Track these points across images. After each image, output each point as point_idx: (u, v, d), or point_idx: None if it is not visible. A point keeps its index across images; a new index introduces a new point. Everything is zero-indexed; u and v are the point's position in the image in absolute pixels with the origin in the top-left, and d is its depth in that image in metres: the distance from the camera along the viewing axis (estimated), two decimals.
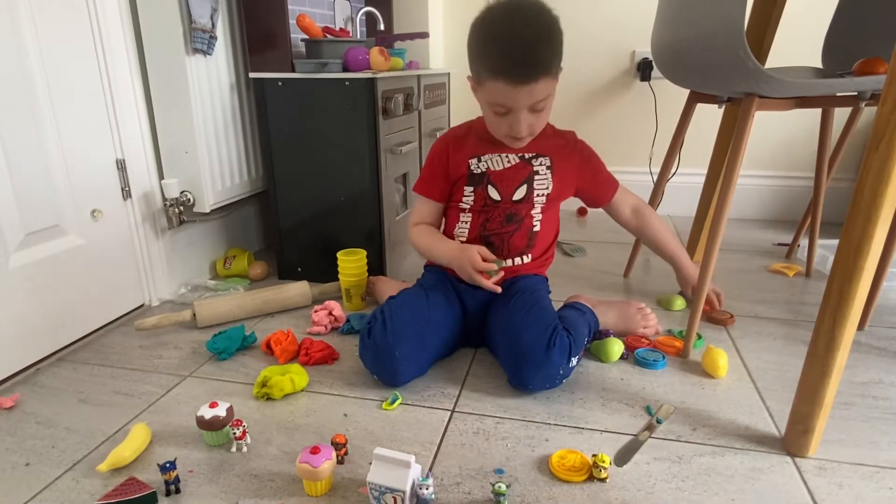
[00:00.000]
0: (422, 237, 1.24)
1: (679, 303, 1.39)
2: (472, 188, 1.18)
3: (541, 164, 1.18)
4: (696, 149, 1.96)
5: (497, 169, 1.17)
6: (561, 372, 1.01)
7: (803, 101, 1.19)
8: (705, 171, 1.65)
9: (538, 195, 1.18)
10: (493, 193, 1.17)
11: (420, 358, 1.08)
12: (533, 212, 1.18)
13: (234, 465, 0.86)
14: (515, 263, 1.19)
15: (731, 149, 1.12)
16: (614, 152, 2.21)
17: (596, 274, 1.63)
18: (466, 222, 1.21)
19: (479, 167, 1.18)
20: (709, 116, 1.67)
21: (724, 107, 1.44)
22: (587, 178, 1.25)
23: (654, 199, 1.55)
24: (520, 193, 1.17)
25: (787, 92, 1.06)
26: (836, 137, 1.54)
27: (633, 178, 2.20)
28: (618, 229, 2.08)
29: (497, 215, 1.18)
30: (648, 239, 1.35)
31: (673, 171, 1.51)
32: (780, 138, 2.07)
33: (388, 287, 1.39)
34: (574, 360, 1.03)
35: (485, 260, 1.11)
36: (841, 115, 1.52)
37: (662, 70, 1.32)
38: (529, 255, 1.19)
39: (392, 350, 1.03)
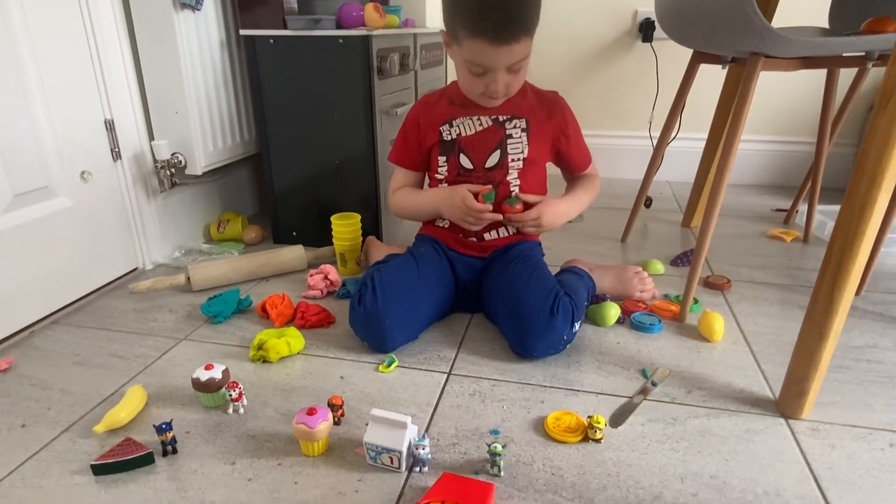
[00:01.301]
0: (402, 198, 1.23)
1: (658, 266, 1.38)
2: (444, 157, 1.16)
3: (515, 127, 1.14)
4: (697, 113, 1.93)
5: (468, 133, 1.14)
6: (565, 338, 1.01)
7: (809, 62, 1.16)
8: (706, 136, 1.62)
9: (512, 159, 1.14)
10: (465, 162, 1.14)
11: (410, 325, 1.07)
12: (508, 177, 1.14)
13: (230, 427, 0.86)
14: (501, 235, 1.17)
15: (734, 110, 1.10)
16: (613, 116, 2.18)
17: (593, 239, 1.62)
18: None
19: (450, 133, 1.15)
20: (711, 79, 1.63)
21: (727, 68, 1.41)
22: (565, 143, 1.19)
23: (654, 164, 1.53)
24: (493, 160, 1.14)
25: (793, 51, 1.04)
26: (838, 102, 1.52)
27: (632, 142, 2.18)
28: (616, 195, 2.09)
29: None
30: (582, 181, 1.26)
31: (674, 134, 1.48)
32: (780, 103, 2.04)
33: (379, 251, 1.37)
34: (577, 325, 1.02)
35: (475, 195, 1.10)
36: (844, 79, 1.49)
37: (666, 29, 1.28)
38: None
39: (382, 318, 1.02)
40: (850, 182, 0.77)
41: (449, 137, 1.15)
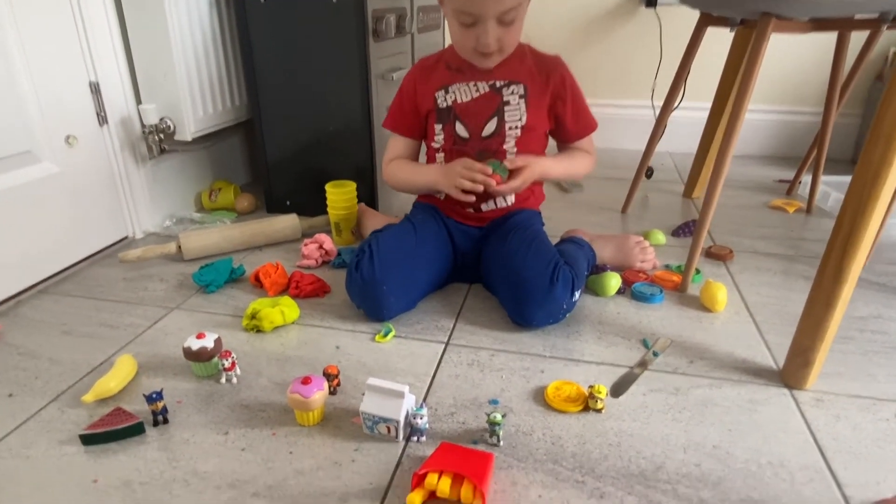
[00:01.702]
0: (398, 169, 1.18)
1: (659, 236, 1.36)
2: (441, 125, 1.13)
3: (512, 93, 1.09)
4: (701, 82, 1.88)
5: (464, 100, 1.10)
6: (564, 307, 0.99)
7: (821, 24, 1.12)
8: (708, 106, 1.58)
9: (510, 127, 1.10)
10: (462, 130, 1.11)
11: (408, 293, 1.05)
12: (505, 146, 1.11)
13: (223, 396, 0.84)
14: (498, 205, 1.14)
15: (742, 74, 1.06)
16: (615, 84, 2.13)
17: (593, 209, 1.59)
18: (441, 163, 1.16)
19: (445, 100, 1.11)
20: (715, 47, 1.59)
21: (734, 32, 1.37)
22: (561, 106, 1.13)
23: (656, 133, 1.49)
24: (490, 128, 1.10)
25: (806, 11, 0.99)
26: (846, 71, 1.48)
27: (633, 112, 2.13)
28: (616, 165, 2.05)
29: (468, 155, 1.11)
30: (572, 152, 1.20)
31: (678, 101, 1.44)
32: (784, 72, 1.99)
33: (373, 221, 1.34)
34: (577, 294, 1.00)
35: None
36: (853, 45, 1.44)
37: None
38: (513, 193, 1.13)
39: (380, 284, 1.00)
40: (866, 144, 0.74)
41: (444, 104, 1.11)
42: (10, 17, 1.05)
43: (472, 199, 1.06)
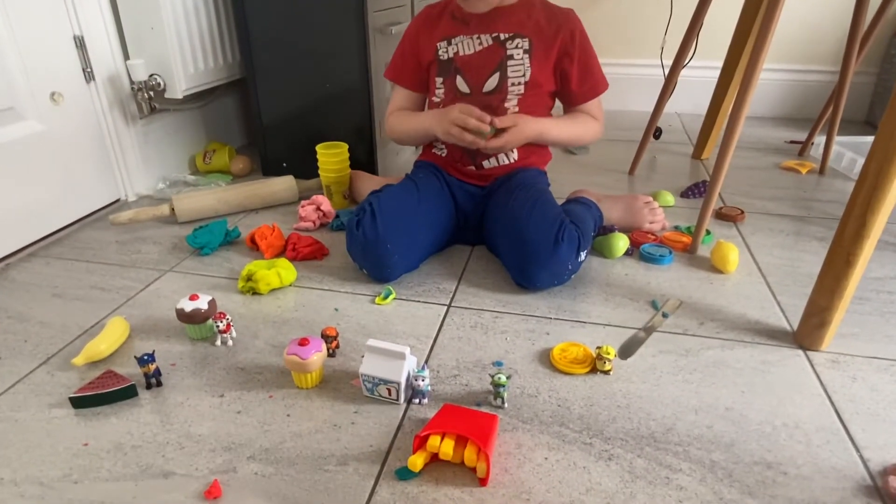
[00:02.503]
0: (398, 121, 1.15)
1: (668, 198, 1.31)
2: (441, 79, 1.09)
3: (517, 47, 1.04)
4: (712, 40, 1.81)
5: (467, 53, 1.05)
6: (570, 267, 0.95)
7: None
8: (719, 65, 1.52)
9: (513, 83, 1.05)
10: (462, 85, 1.07)
11: (411, 252, 1.02)
12: (507, 103, 1.06)
13: (218, 359, 0.82)
14: (501, 162, 1.10)
15: (760, 25, 1.00)
16: (623, 42, 2.06)
17: (599, 170, 1.54)
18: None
19: (447, 52, 1.07)
20: (727, 3, 1.51)
21: None
22: (568, 63, 1.06)
23: (666, 91, 1.43)
24: (491, 83, 1.05)
25: None
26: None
27: (641, 70, 2.06)
28: (624, 126, 1.99)
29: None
30: (576, 116, 1.13)
31: (689, 57, 1.38)
32: (797, 30, 1.91)
33: (368, 184, 1.29)
34: (583, 255, 0.97)
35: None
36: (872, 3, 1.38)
37: None
38: (514, 150, 1.10)
39: (384, 243, 0.96)
40: (892, 98, 0.69)
41: (445, 56, 1.07)
42: None
43: (460, 139, 1.00)
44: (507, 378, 0.71)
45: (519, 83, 1.05)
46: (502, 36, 1.04)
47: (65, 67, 1.16)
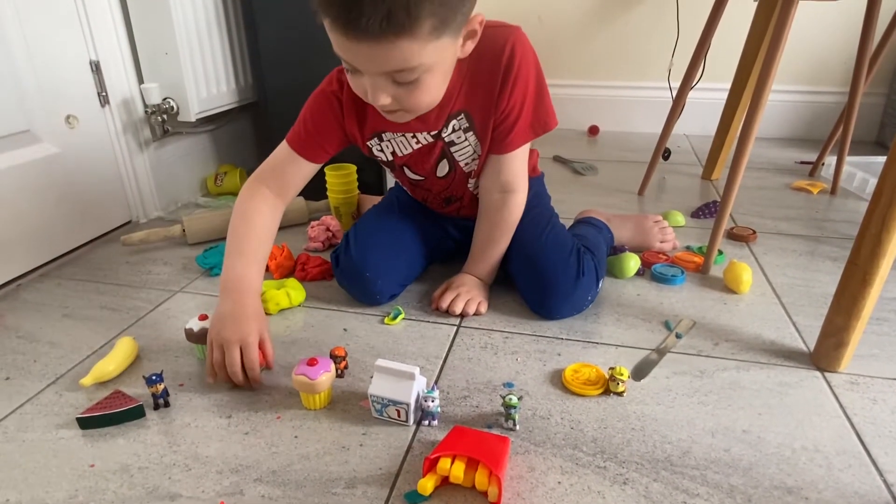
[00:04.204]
0: (245, 221, 0.86)
1: (678, 218, 1.31)
2: (388, 169, 0.98)
3: (453, 131, 0.87)
4: (719, 63, 1.82)
5: (405, 153, 0.91)
6: (589, 298, 0.94)
7: None
8: (726, 87, 1.52)
9: (465, 163, 0.93)
10: (413, 175, 0.96)
11: (395, 274, 0.98)
12: (470, 182, 0.96)
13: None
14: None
15: (769, 44, 1.00)
16: (630, 65, 2.08)
17: (608, 191, 1.54)
18: (408, 193, 1.06)
19: (383, 152, 0.92)
20: (732, 27, 1.53)
21: (758, 1, 1.31)
22: (498, 108, 0.85)
23: (674, 112, 1.44)
24: (442, 169, 0.94)
25: None
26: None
27: (649, 93, 2.08)
28: (631, 147, 2.00)
29: (434, 198, 1.01)
30: (484, 221, 0.97)
31: (697, 78, 1.38)
32: (805, 51, 1.92)
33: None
34: (600, 284, 0.96)
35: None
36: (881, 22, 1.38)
37: None
38: None
39: (362, 271, 0.95)
40: None
41: (383, 157, 0.93)
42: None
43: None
44: (519, 399, 0.70)
45: (472, 160, 0.93)
46: (443, 132, 0.88)
47: (80, 91, 1.19)
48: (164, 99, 1.31)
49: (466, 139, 0.89)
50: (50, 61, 1.11)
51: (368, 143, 0.91)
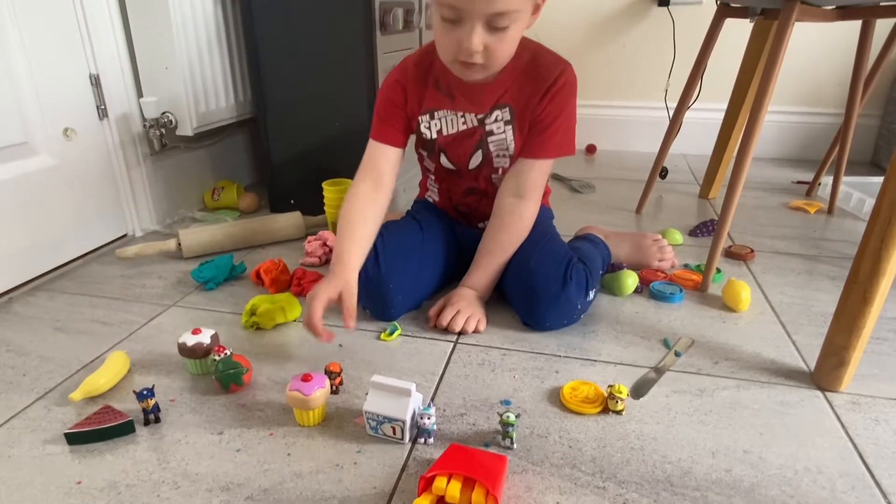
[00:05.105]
0: (346, 214, 0.94)
1: (676, 236, 1.31)
2: (426, 153, 1.03)
3: (496, 120, 0.95)
4: (715, 83, 1.84)
5: (450, 133, 0.97)
6: (579, 307, 0.94)
7: (846, 12, 1.08)
8: (723, 107, 1.53)
9: (497, 156, 0.98)
10: (447, 163, 1.02)
11: (415, 291, 1.00)
12: (494, 177, 1.01)
13: (219, 395, 0.79)
14: None
15: (765, 63, 1.01)
16: (628, 85, 2.09)
17: (607, 209, 1.54)
18: (434, 184, 1.10)
19: (430, 129, 0.98)
20: (729, 49, 1.54)
21: (754, 23, 1.32)
22: (538, 118, 0.94)
23: (671, 131, 1.44)
24: (475, 160, 1.00)
25: None
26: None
27: (646, 113, 2.09)
28: (629, 167, 2.00)
29: (458, 186, 1.06)
30: (494, 225, 1.00)
31: (693, 99, 1.39)
32: (801, 73, 1.94)
33: None
34: (592, 294, 0.95)
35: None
36: (875, 43, 1.40)
37: None
38: None
39: (386, 282, 0.95)
40: None
41: (429, 135, 0.99)
42: (9, 7, 1.02)
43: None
44: (516, 417, 0.68)
45: (504, 156, 0.99)
46: (482, 116, 0.96)
47: (79, 104, 1.19)
48: (163, 113, 1.31)
49: (504, 132, 0.96)
50: (50, 74, 1.11)
51: (421, 117, 0.98)
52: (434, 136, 0.99)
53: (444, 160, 1.02)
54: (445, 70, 0.92)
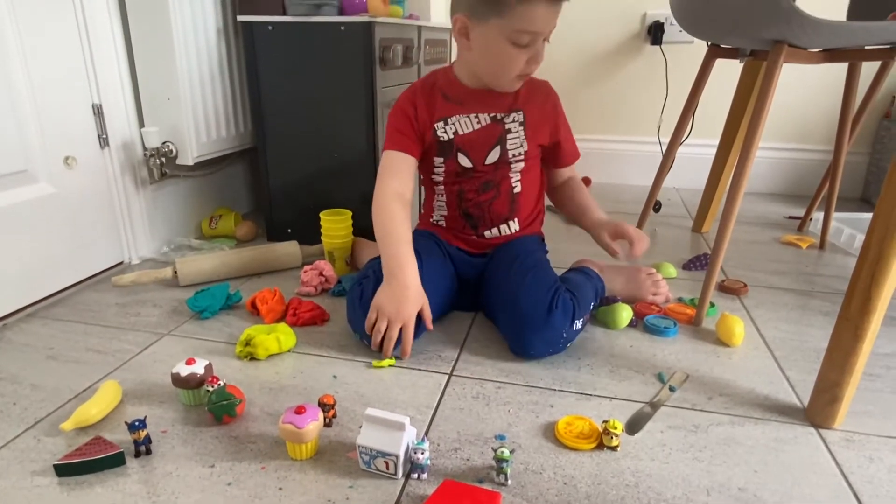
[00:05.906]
0: (384, 214, 1.02)
1: (669, 269, 1.32)
2: (441, 159, 1.09)
3: (513, 121, 1.07)
4: (707, 119, 1.88)
5: (466, 132, 1.06)
6: (564, 335, 0.94)
7: (832, 55, 1.11)
8: (715, 143, 1.57)
9: (513, 155, 1.07)
10: (464, 161, 1.08)
11: (417, 326, 1.00)
12: (510, 174, 1.09)
13: (211, 427, 0.79)
14: (502, 233, 1.12)
15: (755, 103, 1.04)
16: (621, 121, 2.13)
17: None
18: (442, 196, 1.13)
19: (445, 132, 1.06)
20: (720, 86, 1.58)
21: (744, 63, 1.36)
22: (557, 134, 1.12)
23: (665, 166, 1.47)
24: (493, 157, 1.07)
25: (821, 37, 0.98)
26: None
27: (640, 147, 2.13)
28: (624, 199, 2.03)
29: (471, 185, 1.09)
30: (577, 203, 1.18)
31: (686, 135, 1.42)
32: (790, 110, 1.98)
33: (368, 251, 1.30)
34: (578, 324, 0.96)
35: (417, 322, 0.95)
36: (862, 83, 1.44)
37: (682, 21, 1.23)
38: (515, 221, 1.11)
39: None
40: (892, 164, 0.71)
41: (445, 137, 1.07)
42: (14, 37, 1.04)
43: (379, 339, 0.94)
44: (511, 452, 0.68)
45: (519, 155, 1.08)
46: (499, 115, 1.06)
47: (80, 133, 1.20)
48: (164, 143, 1.33)
49: (518, 133, 1.07)
50: (53, 103, 1.13)
51: (435, 125, 1.06)
52: (451, 136, 1.07)
53: (461, 158, 1.08)
54: (450, 84, 1.07)
